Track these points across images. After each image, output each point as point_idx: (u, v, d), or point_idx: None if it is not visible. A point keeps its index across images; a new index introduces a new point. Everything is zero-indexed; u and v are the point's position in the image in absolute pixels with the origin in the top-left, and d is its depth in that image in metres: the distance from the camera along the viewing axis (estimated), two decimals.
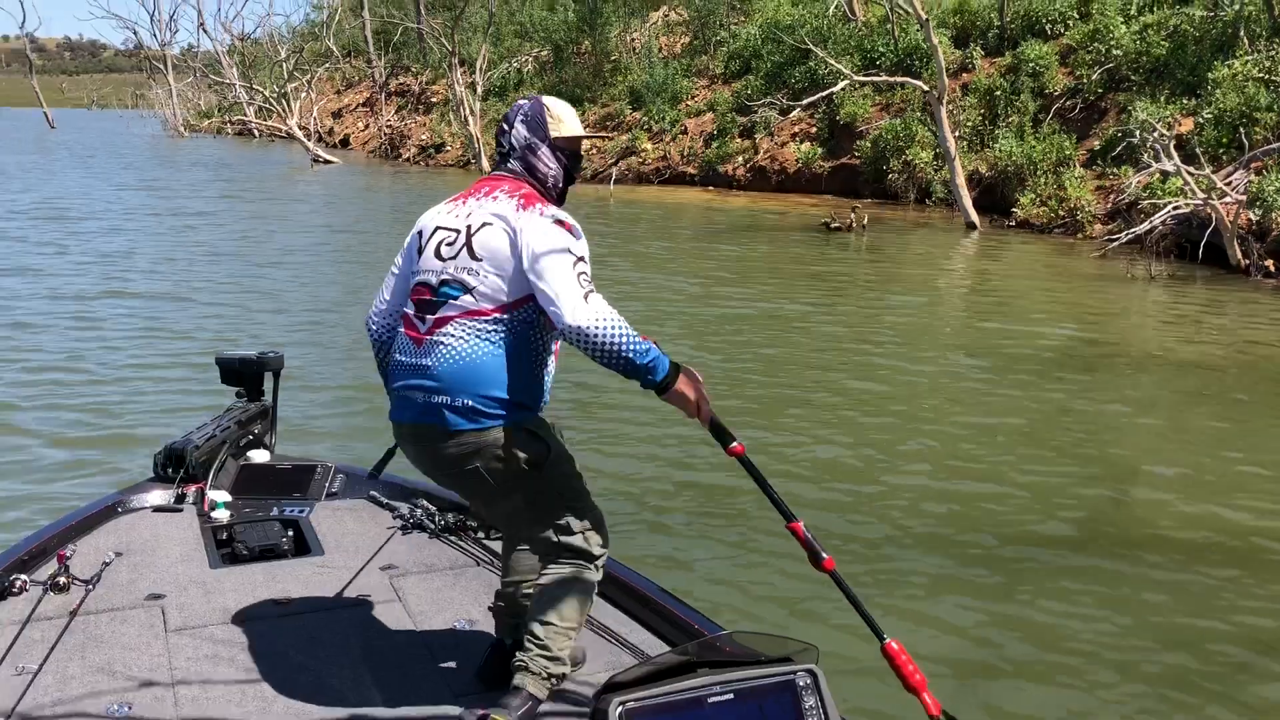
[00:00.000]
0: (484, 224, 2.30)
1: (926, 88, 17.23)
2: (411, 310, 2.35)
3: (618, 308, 2.20)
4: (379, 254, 12.28)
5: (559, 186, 2.45)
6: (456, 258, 2.30)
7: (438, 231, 2.37)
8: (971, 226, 16.25)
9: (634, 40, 30.15)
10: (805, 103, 19.82)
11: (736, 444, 2.26)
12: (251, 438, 3.90)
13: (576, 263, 2.21)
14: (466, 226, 2.32)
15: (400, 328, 2.39)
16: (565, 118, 2.46)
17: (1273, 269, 11.93)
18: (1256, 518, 5.05)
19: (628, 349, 2.15)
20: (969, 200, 16.59)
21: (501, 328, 2.26)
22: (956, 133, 17.75)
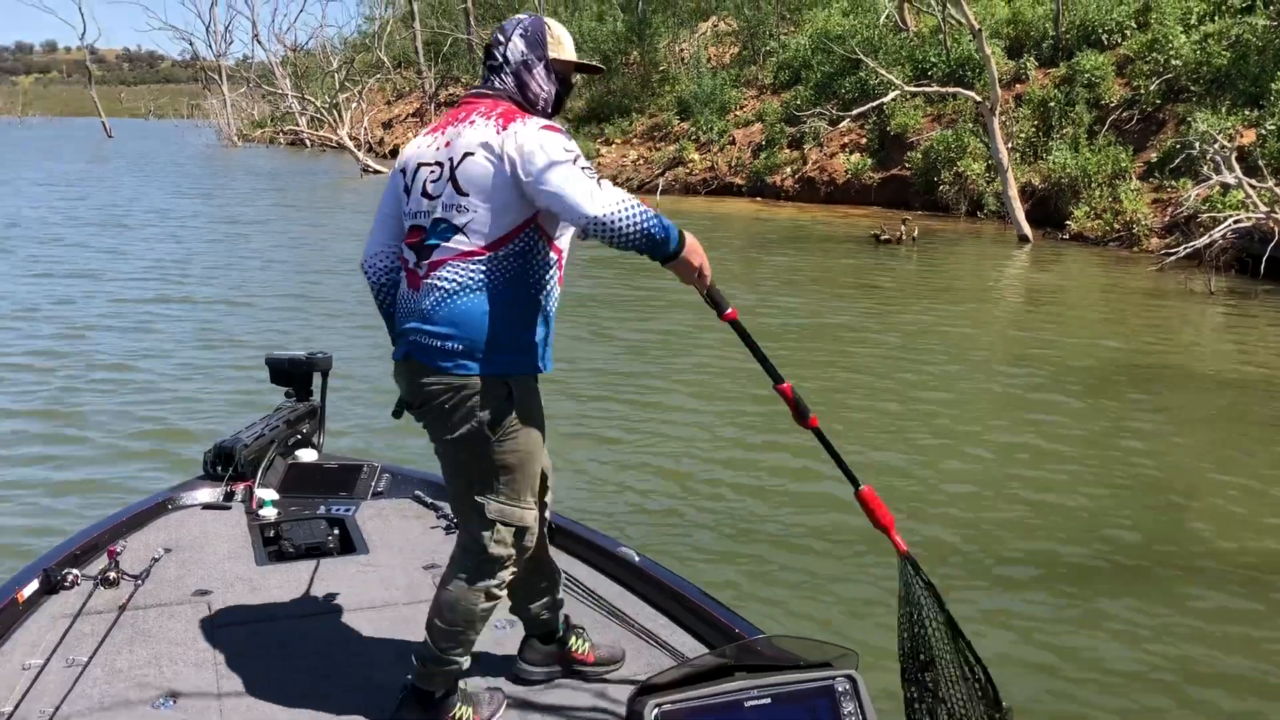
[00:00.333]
0: (465, 154, 2.20)
1: (979, 98, 17.06)
2: (408, 252, 2.30)
3: (666, 318, 2.18)
4: None
5: (547, 112, 2.34)
6: (443, 195, 2.22)
7: (421, 169, 2.28)
8: (1024, 239, 16.02)
9: (683, 50, 30.22)
10: (855, 113, 19.69)
11: (730, 309, 2.26)
12: (300, 437, 3.94)
13: (576, 159, 2.13)
14: (449, 159, 2.23)
15: (401, 269, 2.35)
16: (564, 41, 2.36)
17: None
18: None
19: (647, 225, 2.10)
20: (1022, 213, 16.36)
21: (496, 267, 2.20)
22: (1009, 144, 17.54)
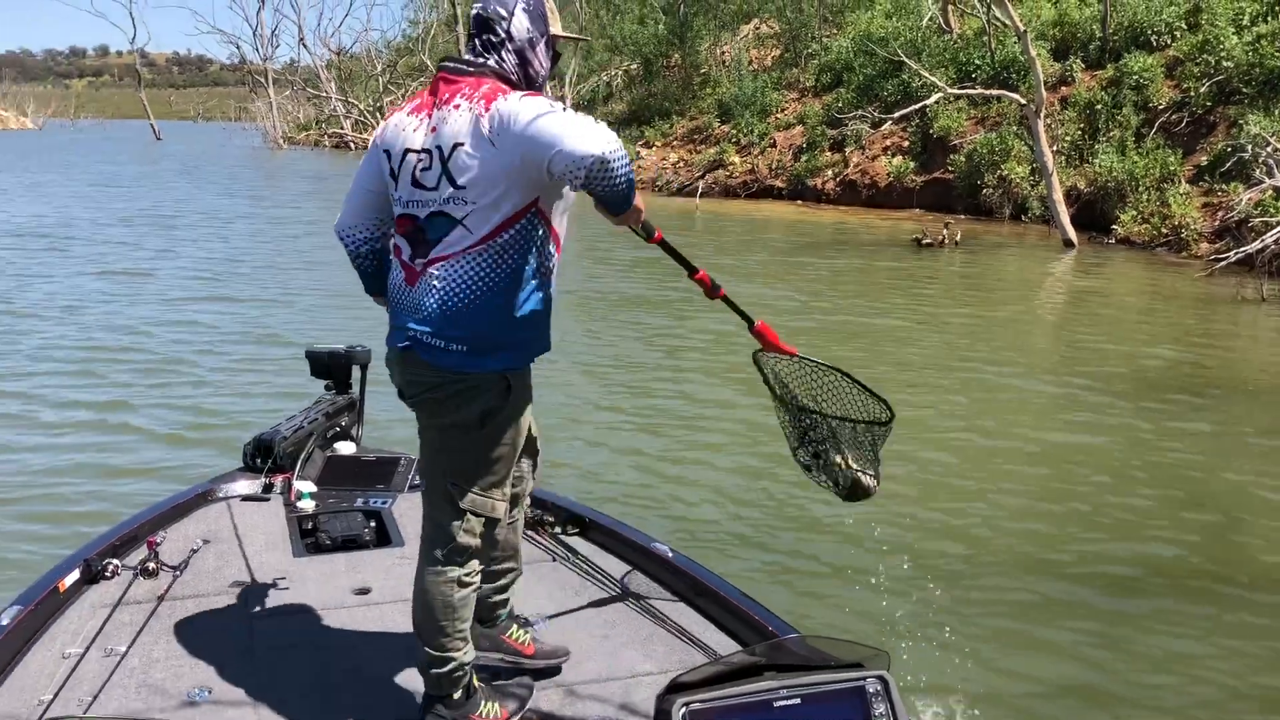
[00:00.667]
0: (455, 144, 2.13)
1: (1024, 101, 16.84)
2: (403, 244, 2.26)
3: (704, 317, 2.18)
4: None
5: (540, 86, 2.28)
6: (438, 187, 2.15)
7: (408, 155, 2.21)
8: (1069, 244, 15.77)
9: (724, 53, 30.18)
10: (897, 115, 19.54)
11: (658, 232, 2.29)
12: (338, 430, 3.97)
13: (564, 111, 2.08)
14: (438, 148, 2.15)
15: (392, 256, 2.31)
16: (557, 13, 2.31)
17: None
18: None
19: (630, 170, 2.07)
20: (1067, 217, 16.11)
21: (496, 258, 2.16)
22: (1054, 147, 17.28)
